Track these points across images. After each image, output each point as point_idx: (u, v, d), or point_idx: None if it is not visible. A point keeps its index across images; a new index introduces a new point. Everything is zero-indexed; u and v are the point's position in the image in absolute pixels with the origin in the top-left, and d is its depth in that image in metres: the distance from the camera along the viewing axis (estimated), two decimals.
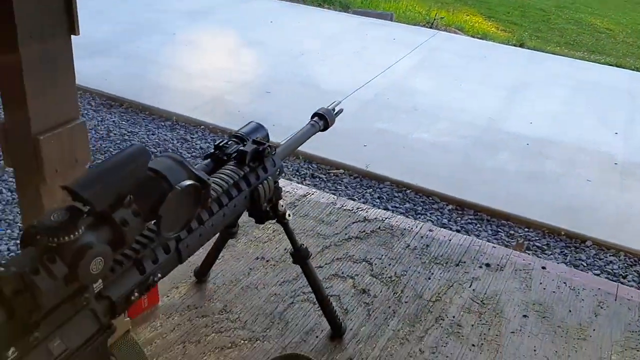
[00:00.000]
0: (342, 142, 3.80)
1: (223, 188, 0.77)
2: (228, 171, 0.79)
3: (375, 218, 1.30)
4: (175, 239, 0.71)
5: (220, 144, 0.84)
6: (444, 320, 1.02)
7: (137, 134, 3.61)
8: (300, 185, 1.39)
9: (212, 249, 1.02)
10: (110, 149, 3.36)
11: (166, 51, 4.83)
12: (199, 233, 0.73)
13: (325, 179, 3.47)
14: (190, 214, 0.68)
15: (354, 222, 1.27)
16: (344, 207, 1.33)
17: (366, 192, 3.38)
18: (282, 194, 1.34)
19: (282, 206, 0.89)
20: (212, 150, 0.85)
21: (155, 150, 3.36)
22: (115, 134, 3.58)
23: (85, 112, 3.71)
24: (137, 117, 3.79)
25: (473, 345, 0.97)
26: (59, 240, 0.54)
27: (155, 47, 4.87)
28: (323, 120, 0.99)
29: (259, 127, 0.90)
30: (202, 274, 1.05)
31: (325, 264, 1.14)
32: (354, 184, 3.44)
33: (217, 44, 5.12)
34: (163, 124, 3.78)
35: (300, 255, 0.92)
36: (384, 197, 3.33)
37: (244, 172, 0.80)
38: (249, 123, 0.91)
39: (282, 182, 1.39)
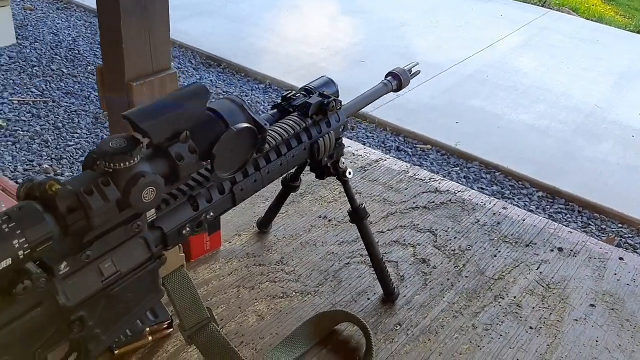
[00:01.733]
0: (433, 117, 3.72)
1: (283, 137, 0.77)
2: (290, 122, 0.80)
3: (448, 190, 1.26)
4: (230, 180, 0.72)
5: (288, 96, 0.85)
6: (503, 299, 0.98)
7: (232, 95, 3.71)
8: (373, 150, 1.37)
9: (274, 201, 1.03)
10: None
11: (268, 15, 4.91)
12: (255, 179, 0.74)
13: (411, 153, 3.41)
14: (245, 158, 0.69)
15: (424, 192, 1.25)
16: (417, 177, 1.30)
17: (452, 171, 3.30)
18: (354, 157, 1.34)
19: (344, 164, 0.88)
20: (279, 102, 0.85)
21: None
22: (211, 93, 3.69)
23: (186, 69, 3.85)
24: (234, 78, 3.90)
25: (531, 327, 0.92)
26: (115, 167, 0.57)
27: (257, 10, 4.96)
28: (397, 80, 0.97)
29: (330, 82, 0.90)
30: (264, 225, 1.07)
31: (388, 230, 1.12)
32: (440, 161, 3.36)
33: (318, 10, 5.13)
34: (257, 86, 3.86)
35: (358, 215, 0.91)
36: (471, 178, 3.24)
37: (306, 124, 0.80)
38: (321, 77, 0.91)
39: (355, 145, 1.38)
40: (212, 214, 0.70)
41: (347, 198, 0.91)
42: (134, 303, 0.66)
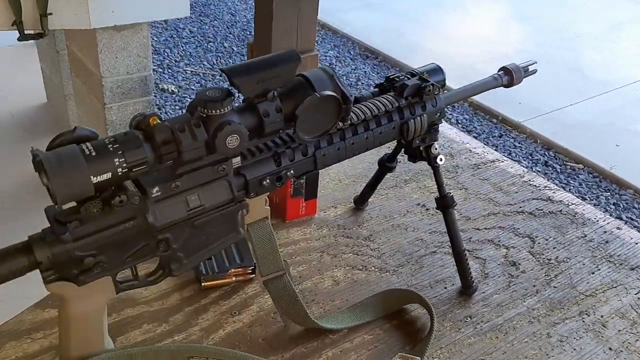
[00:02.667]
0: (592, 136, 3.50)
1: (372, 113, 0.81)
2: (384, 99, 0.84)
3: (561, 201, 1.21)
4: (314, 145, 0.78)
5: (391, 77, 0.89)
6: (588, 316, 0.93)
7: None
8: (492, 150, 1.35)
9: (371, 179, 1.08)
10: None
11: (432, 12, 4.88)
12: (338, 147, 0.80)
13: (559, 170, 3.24)
14: (328, 125, 0.74)
15: (534, 199, 1.21)
16: (531, 182, 1.26)
17: (601, 195, 3.09)
18: (470, 154, 1.33)
19: (436, 149, 0.90)
20: (383, 81, 0.89)
21: None
22: (362, 83, 3.79)
23: (343, 58, 3.98)
24: (387, 71, 3.95)
25: (610, 349, 0.88)
26: (207, 112, 0.66)
27: (423, 7, 4.95)
28: (508, 75, 0.96)
29: (437, 69, 0.92)
30: (360, 201, 1.12)
31: (485, 228, 1.11)
32: (590, 183, 3.15)
33: (486, 12, 5.00)
34: None
35: (445, 202, 0.93)
36: (621, 205, 3.00)
37: (399, 103, 0.84)
38: (430, 63, 0.93)
39: (474, 142, 1.37)
40: (292, 171, 0.77)
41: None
42: (214, 237, 0.75)
